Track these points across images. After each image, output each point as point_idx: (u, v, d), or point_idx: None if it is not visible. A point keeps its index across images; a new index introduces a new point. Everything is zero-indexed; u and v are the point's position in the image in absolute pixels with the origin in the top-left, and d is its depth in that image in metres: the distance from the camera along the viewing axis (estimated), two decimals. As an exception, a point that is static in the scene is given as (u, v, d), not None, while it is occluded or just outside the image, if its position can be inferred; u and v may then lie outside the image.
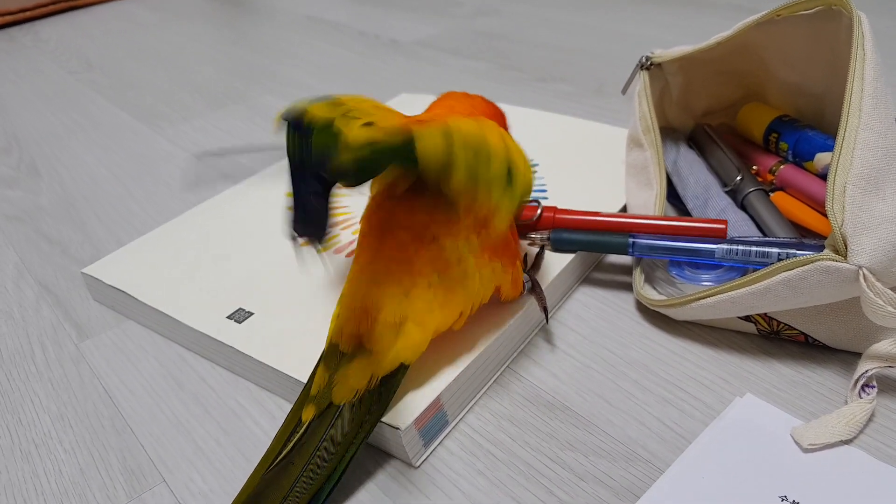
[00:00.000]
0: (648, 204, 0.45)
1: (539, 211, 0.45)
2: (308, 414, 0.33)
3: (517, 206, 0.36)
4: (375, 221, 0.37)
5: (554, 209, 0.45)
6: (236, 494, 0.32)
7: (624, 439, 0.35)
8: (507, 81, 0.83)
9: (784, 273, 0.34)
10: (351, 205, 0.53)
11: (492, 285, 0.37)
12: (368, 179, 0.31)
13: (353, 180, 0.31)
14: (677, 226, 0.43)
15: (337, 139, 0.30)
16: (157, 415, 0.40)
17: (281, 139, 0.71)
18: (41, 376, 0.44)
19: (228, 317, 0.42)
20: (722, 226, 0.42)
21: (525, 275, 0.41)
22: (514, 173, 0.34)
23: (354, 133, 0.30)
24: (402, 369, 0.34)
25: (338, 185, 0.32)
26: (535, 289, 0.41)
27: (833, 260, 0.33)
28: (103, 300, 0.49)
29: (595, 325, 0.43)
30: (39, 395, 0.43)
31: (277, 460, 0.32)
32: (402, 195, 0.37)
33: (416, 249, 0.35)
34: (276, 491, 0.31)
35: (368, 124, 0.31)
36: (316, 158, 0.31)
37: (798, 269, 0.34)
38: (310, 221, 0.32)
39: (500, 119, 0.45)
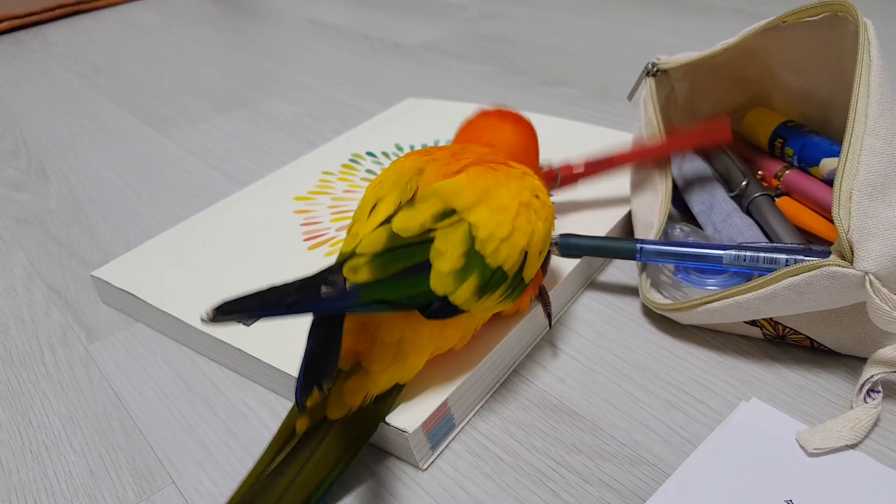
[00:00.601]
0: (653, 209, 0.45)
1: (557, 178, 0.48)
2: (302, 426, 0.33)
3: (529, 283, 0.37)
4: None
5: (569, 168, 0.48)
6: (227, 499, 0.32)
7: (629, 443, 0.35)
8: (511, 85, 0.83)
9: (790, 278, 0.34)
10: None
11: (490, 314, 0.38)
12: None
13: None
14: (684, 138, 0.45)
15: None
16: (167, 417, 0.40)
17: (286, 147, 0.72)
18: (51, 378, 0.44)
19: (237, 320, 0.42)
20: (724, 126, 0.44)
21: None
22: (527, 264, 0.36)
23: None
24: (396, 389, 0.34)
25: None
26: (541, 295, 0.41)
27: (839, 265, 0.33)
28: (112, 303, 0.50)
29: (601, 329, 0.43)
30: (49, 396, 0.43)
31: (269, 469, 0.32)
32: None
33: None
34: (265, 499, 0.32)
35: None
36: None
37: (804, 274, 0.34)
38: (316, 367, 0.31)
39: (531, 149, 0.46)
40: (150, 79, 1.00)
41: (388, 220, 0.34)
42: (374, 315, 0.34)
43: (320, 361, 0.30)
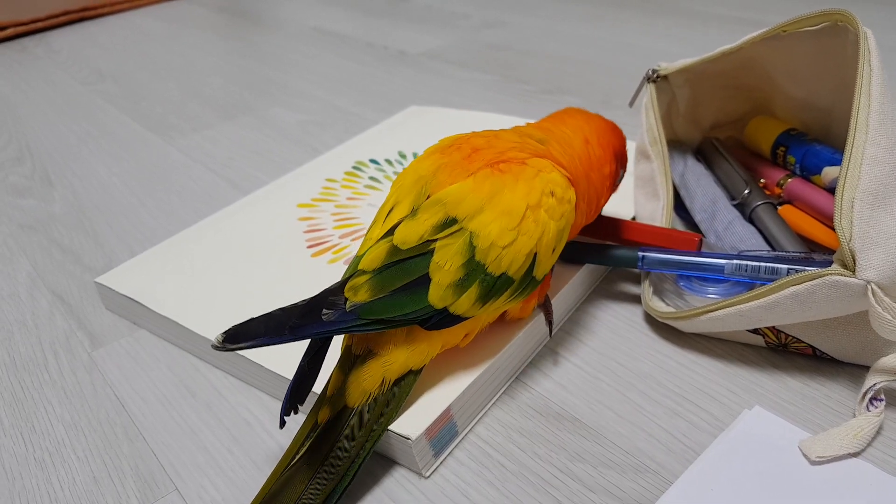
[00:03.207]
0: (656, 215, 0.45)
1: None
2: (323, 415, 0.34)
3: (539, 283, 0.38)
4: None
5: None
6: (255, 494, 0.33)
7: (633, 451, 0.35)
8: (513, 93, 0.83)
9: (793, 287, 0.35)
10: (360, 216, 0.54)
11: (498, 314, 0.38)
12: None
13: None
14: (653, 233, 0.44)
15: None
16: (170, 423, 0.40)
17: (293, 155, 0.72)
18: (54, 384, 0.44)
19: (240, 327, 0.43)
20: (696, 239, 0.43)
21: None
22: (537, 262, 0.36)
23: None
24: (411, 374, 0.35)
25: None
26: (544, 304, 0.41)
27: (841, 275, 0.33)
28: (116, 309, 0.50)
29: (603, 336, 0.43)
30: (53, 402, 0.43)
31: (294, 461, 0.33)
32: None
33: None
34: (291, 490, 0.32)
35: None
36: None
37: (807, 283, 0.34)
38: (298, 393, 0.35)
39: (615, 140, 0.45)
40: (154, 86, 1.01)
41: (392, 231, 0.35)
42: None
43: (306, 383, 0.34)
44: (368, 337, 0.35)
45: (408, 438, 0.34)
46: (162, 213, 0.64)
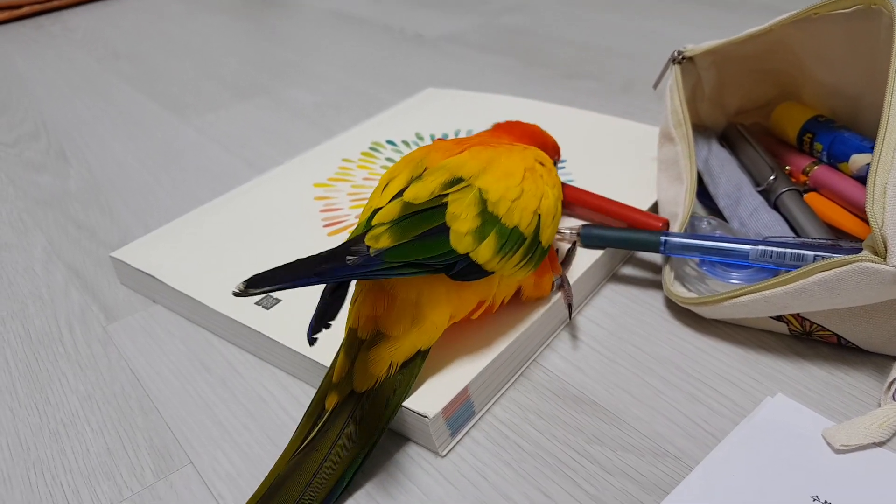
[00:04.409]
0: (678, 199, 0.45)
1: None
2: (331, 402, 0.33)
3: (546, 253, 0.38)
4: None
5: None
6: (264, 478, 0.32)
7: (652, 435, 0.35)
8: (533, 78, 0.82)
9: (821, 273, 0.34)
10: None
11: (514, 282, 0.37)
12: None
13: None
14: (620, 211, 0.46)
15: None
16: (184, 398, 0.40)
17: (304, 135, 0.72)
18: (69, 357, 0.44)
19: (256, 303, 0.42)
20: (660, 224, 0.44)
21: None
22: (542, 226, 0.37)
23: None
24: (419, 356, 0.34)
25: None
26: (563, 286, 0.41)
27: (872, 261, 0.32)
28: (131, 284, 0.50)
29: (622, 321, 0.42)
30: (67, 375, 0.43)
31: (302, 446, 0.33)
32: None
33: None
34: (300, 475, 0.32)
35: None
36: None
37: (835, 269, 0.33)
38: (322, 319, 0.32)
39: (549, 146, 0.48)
40: (170, 66, 1.00)
41: (399, 194, 0.35)
42: (391, 279, 0.34)
43: (330, 308, 0.31)
44: (375, 316, 0.34)
45: (425, 416, 0.33)
46: (177, 191, 0.64)
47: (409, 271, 0.32)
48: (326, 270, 0.30)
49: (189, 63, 1.01)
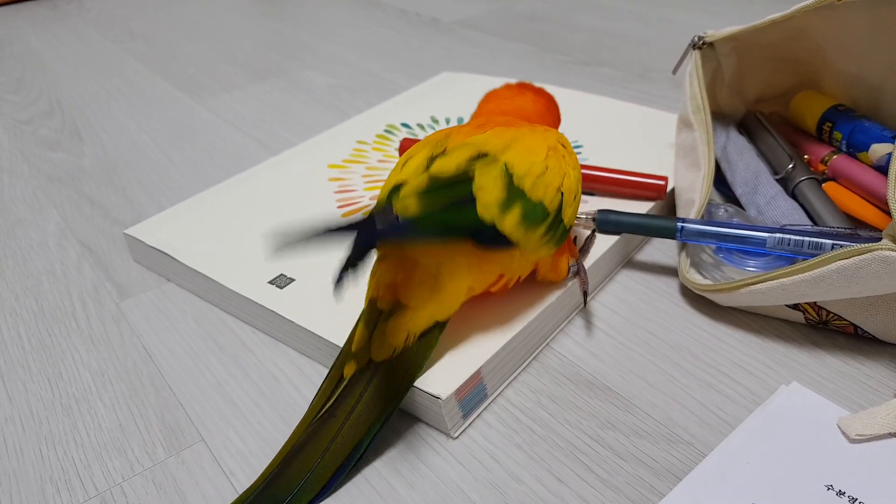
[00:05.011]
0: (696, 185, 0.44)
1: None
2: (349, 370, 0.34)
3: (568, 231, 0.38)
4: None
5: None
6: (278, 450, 0.33)
7: (665, 421, 0.35)
8: (549, 64, 0.82)
9: (839, 262, 0.33)
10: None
11: (532, 260, 0.37)
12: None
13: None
14: (618, 178, 0.47)
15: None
16: (196, 375, 0.40)
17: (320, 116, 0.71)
18: (82, 333, 0.44)
19: (270, 282, 0.42)
20: (661, 182, 0.45)
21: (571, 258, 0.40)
22: (564, 205, 0.37)
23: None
24: (437, 327, 0.34)
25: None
26: (579, 273, 0.40)
27: (892, 250, 0.32)
28: (144, 261, 0.50)
29: (637, 307, 0.42)
30: (80, 350, 0.43)
31: (321, 413, 0.33)
32: None
33: None
34: (318, 441, 0.32)
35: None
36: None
37: (855, 258, 0.33)
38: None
39: (552, 115, 0.47)
40: (185, 46, 1.00)
41: (425, 170, 0.35)
42: (414, 249, 0.34)
43: (356, 256, 0.29)
44: (395, 284, 0.34)
45: (438, 398, 0.33)
46: (191, 171, 0.64)
47: (438, 235, 0.32)
48: (357, 234, 0.29)
49: (204, 44, 1.01)
